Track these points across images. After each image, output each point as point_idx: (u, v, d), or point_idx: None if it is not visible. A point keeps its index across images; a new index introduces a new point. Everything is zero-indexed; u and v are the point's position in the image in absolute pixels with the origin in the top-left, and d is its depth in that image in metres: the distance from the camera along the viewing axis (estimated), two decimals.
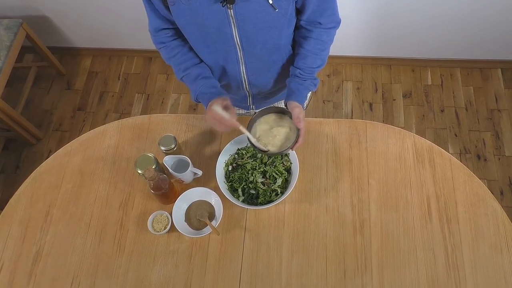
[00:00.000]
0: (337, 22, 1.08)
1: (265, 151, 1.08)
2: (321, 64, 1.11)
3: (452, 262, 1.12)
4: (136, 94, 2.41)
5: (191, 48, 1.12)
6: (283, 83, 1.23)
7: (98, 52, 2.53)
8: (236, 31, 0.99)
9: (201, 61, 1.13)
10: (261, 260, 1.14)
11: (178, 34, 1.10)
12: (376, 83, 2.35)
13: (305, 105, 1.10)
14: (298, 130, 1.06)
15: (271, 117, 1.13)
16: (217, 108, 1.01)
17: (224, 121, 1.02)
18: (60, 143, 2.26)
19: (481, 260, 1.11)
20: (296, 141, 1.07)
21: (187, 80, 1.13)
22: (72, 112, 2.37)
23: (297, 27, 1.10)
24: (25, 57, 2.55)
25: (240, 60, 1.09)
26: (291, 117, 1.09)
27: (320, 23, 1.05)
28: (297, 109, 1.06)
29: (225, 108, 1.03)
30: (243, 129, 1.06)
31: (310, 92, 1.30)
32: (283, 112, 1.12)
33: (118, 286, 1.13)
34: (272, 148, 1.08)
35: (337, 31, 1.10)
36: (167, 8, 0.97)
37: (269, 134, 1.10)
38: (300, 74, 1.10)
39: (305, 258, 1.14)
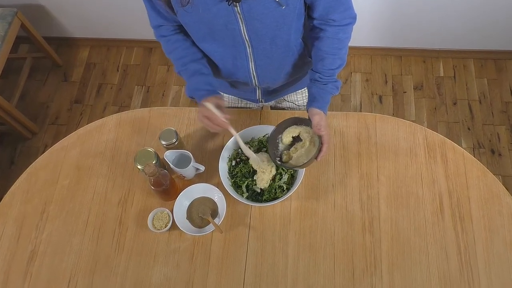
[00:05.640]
0: (353, 18, 1.04)
1: (277, 161, 1.11)
2: (341, 64, 1.08)
3: (465, 261, 1.10)
4: (136, 86, 2.39)
5: (192, 43, 1.10)
6: (293, 78, 1.21)
7: (96, 43, 2.51)
8: (244, 27, 0.97)
9: (202, 57, 1.12)
10: (266, 259, 1.13)
11: (180, 28, 1.09)
12: (385, 75, 2.33)
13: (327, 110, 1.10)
14: (320, 137, 1.05)
15: (291, 129, 1.12)
16: (209, 105, 1.03)
17: (214, 119, 1.04)
18: (57, 137, 2.24)
19: (495, 259, 1.10)
20: (320, 150, 1.05)
21: (185, 75, 1.12)
22: (69, 105, 2.35)
23: (311, 28, 1.08)
24: (20, 47, 2.53)
25: (249, 56, 1.07)
26: (307, 125, 1.09)
27: (333, 20, 1.01)
28: (317, 116, 1.05)
29: (218, 107, 1.04)
30: (232, 130, 1.07)
31: None
32: (300, 121, 1.12)
33: (116, 286, 1.12)
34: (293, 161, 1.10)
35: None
36: (171, 8, 0.95)
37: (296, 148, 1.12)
38: (320, 78, 1.07)
39: (312, 258, 1.12)
